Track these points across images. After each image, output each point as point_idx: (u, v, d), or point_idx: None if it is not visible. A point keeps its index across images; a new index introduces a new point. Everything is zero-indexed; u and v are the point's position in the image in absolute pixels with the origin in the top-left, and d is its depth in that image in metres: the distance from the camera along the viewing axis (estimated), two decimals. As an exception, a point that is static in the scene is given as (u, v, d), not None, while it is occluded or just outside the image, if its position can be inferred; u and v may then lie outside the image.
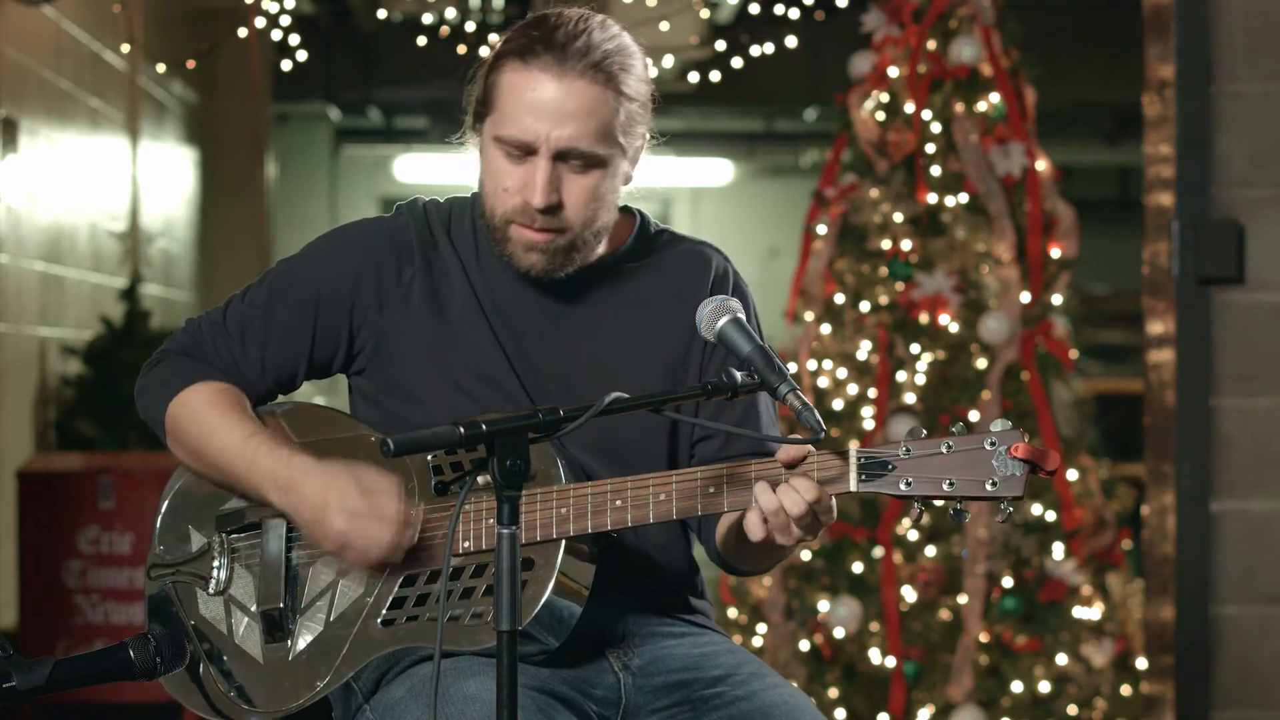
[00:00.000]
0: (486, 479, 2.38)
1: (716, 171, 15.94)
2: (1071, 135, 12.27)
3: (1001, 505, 2.31)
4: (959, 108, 5.12)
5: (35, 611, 5.86)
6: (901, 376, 5.07)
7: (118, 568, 5.84)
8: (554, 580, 2.38)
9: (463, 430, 2.17)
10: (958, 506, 2.31)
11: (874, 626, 5.02)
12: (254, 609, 2.54)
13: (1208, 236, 4.21)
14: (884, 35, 5.23)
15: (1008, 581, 4.94)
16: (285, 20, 6.59)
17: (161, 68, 8.57)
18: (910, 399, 5.04)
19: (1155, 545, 4.28)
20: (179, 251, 10.32)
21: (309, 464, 2.47)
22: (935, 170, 5.11)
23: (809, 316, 5.25)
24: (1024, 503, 4.95)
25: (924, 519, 4.98)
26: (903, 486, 2.31)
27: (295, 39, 6.66)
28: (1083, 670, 4.95)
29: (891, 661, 4.96)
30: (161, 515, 2.66)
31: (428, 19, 7.49)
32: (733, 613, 5.33)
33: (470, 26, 6.65)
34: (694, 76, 7.11)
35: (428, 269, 2.58)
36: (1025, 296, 5.06)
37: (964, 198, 5.10)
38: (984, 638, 4.92)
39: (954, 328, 5.06)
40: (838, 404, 5.12)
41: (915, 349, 5.06)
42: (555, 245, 2.50)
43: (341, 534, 2.41)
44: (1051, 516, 4.99)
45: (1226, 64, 4.22)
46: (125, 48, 7.90)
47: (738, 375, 2.29)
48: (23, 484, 5.90)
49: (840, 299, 5.17)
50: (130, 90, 9.03)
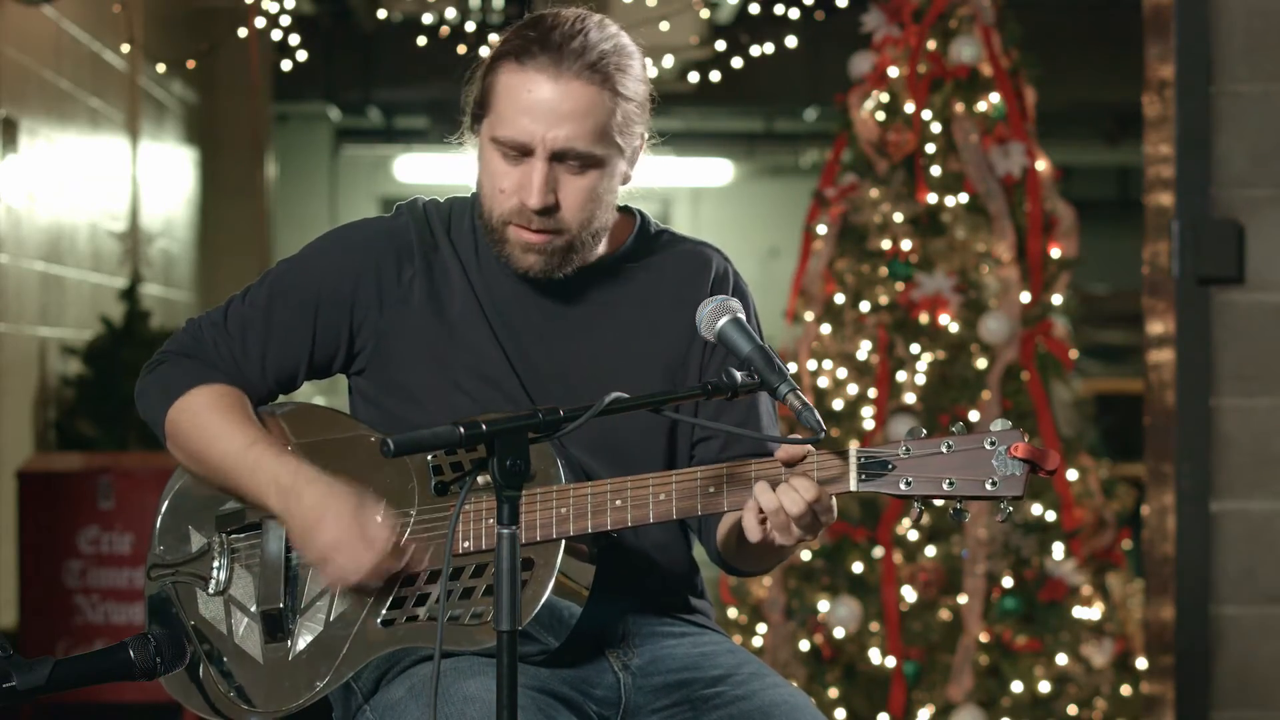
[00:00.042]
0: (486, 479, 2.38)
1: (716, 171, 15.94)
2: (1071, 135, 12.27)
3: (1001, 505, 2.31)
4: (959, 108, 5.12)
5: (35, 611, 5.86)
6: (901, 376, 5.07)
7: (118, 568, 5.84)
8: (554, 580, 2.37)
9: (463, 430, 2.17)
10: (957, 506, 2.31)
11: (874, 626, 5.02)
12: (254, 609, 2.54)
13: (1208, 236, 4.21)
14: (884, 35, 5.23)
15: (1008, 581, 4.94)
16: (285, 20, 6.59)
17: (161, 68, 8.57)
18: (910, 399, 5.04)
19: (1155, 545, 4.28)
20: (179, 251, 10.32)
21: (314, 474, 2.47)
22: (935, 170, 5.11)
23: (809, 316, 5.25)
24: (1024, 503, 4.95)
25: (924, 519, 5.01)
26: (902, 486, 2.30)
27: (295, 39, 6.66)
28: (1083, 670, 4.95)
29: (891, 661, 4.96)
30: (161, 516, 2.66)
31: (428, 19, 7.49)
32: (733, 613, 5.33)
33: (470, 26, 6.65)
34: (694, 76, 7.11)
35: (428, 269, 2.57)
36: (1025, 296, 5.06)
37: (964, 198, 5.10)
38: (984, 638, 4.92)
39: (954, 328, 5.05)
40: (838, 404, 5.12)
41: (915, 349, 5.06)
42: (553, 246, 2.50)
43: (329, 545, 2.42)
44: (1051, 516, 4.99)
45: (1226, 64, 4.22)
46: (125, 48, 7.90)
47: (738, 375, 2.29)
48: (23, 484, 5.90)
49: (840, 299, 5.17)
50: (130, 90, 9.03)
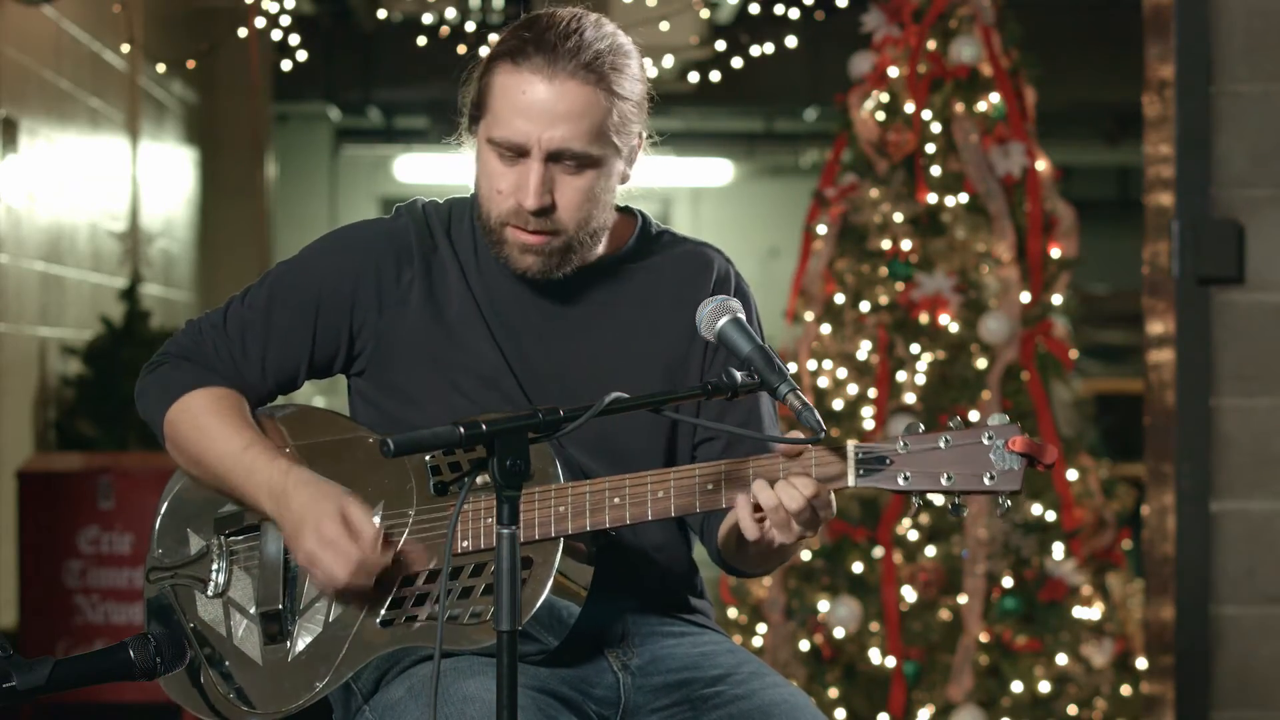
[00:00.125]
0: (484, 479, 2.38)
1: (716, 171, 15.94)
2: (1071, 135, 12.27)
3: (1000, 499, 2.31)
4: (959, 108, 5.12)
5: (35, 611, 5.86)
6: (901, 376, 5.07)
7: (118, 568, 5.84)
8: (552, 579, 2.37)
9: (463, 430, 2.16)
10: (956, 501, 2.31)
11: (874, 626, 5.01)
12: (253, 611, 2.54)
13: (1208, 236, 4.21)
14: (884, 35, 5.23)
15: (1008, 581, 4.94)
16: (285, 20, 6.59)
17: (161, 68, 8.57)
18: (910, 399, 5.04)
19: (1155, 545, 4.28)
20: (179, 251, 10.32)
21: (304, 478, 2.47)
22: (935, 170, 5.11)
23: (809, 316, 5.25)
24: (1024, 501, 4.95)
25: (923, 518, 5.02)
26: (901, 481, 2.30)
27: (295, 39, 6.66)
28: (1083, 670, 4.95)
29: (891, 661, 4.96)
30: (160, 518, 2.66)
31: (428, 19, 7.49)
32: (733, 613, 5.33)
33: (470, 26, 6.65)
34: (694, 76, 7.11)
35: (426, 271, 2.57)
36: (1025, 296, 5.06)
37: (964, 198, 5.10)
38: (984, 638, 4.92)
39: (954, 328, 5.05)
40: (838, 404, 5.12)
41: (915, 349, 5.06)
42: (550, 247, 2.50)
43: (309, 553, 2.43)
44: (1051, 516, 4.98)
45: (1226, 64, 4.22)
46: (125, 48, 7.90)
47: (738, 375, 2.29)
48: (23, 484, 5.90)
49: (840, 299, 5.17)
50: (130, 90, 9.03)
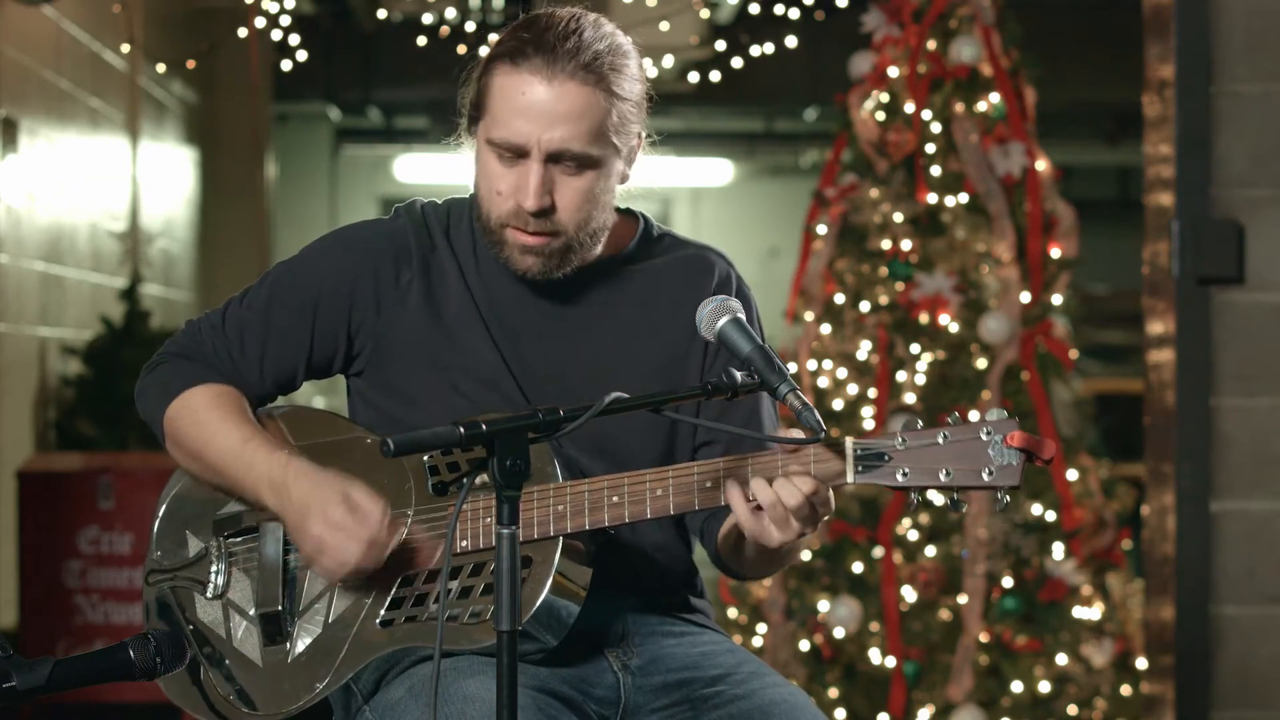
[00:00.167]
0: (482, 478, 2.38)
1: (716, 171, 15.94)
2: (1071, 135, 12.27)
3: (999, 495, 2.31)
4: (959, 108, 5.12)
5: (35, 611, 5.86)
6: (901, 376, 5.07)
7: (118, 568, 5.84)
8: (551, 578, 2.37)
9: (463, 430, 2.16)
10: (955, 496, 2.31)
11: (874, 626, 5.01)
12: (252, 612, 2.54)
13: (1208, 236, 4.21)
14: (884, 35, 5.23)
15: (1008, 581, 4.94)
16: (285, 20, 6.59)
17: (161, 68, 8.57)
18: (910, 399, 5.04)
19: (1155, 545, 4.28)
20: (179, 251, 10.32)
21: (304, 468, 2.47)
22: (935, 170, 5.11)
23: (809, 316, 5.25)
24: (1024, 501, 4.95)
25: (923, 518, 5.02)
26: (900, 477, 2.30)
27: (295, 39, 6.66)
28: (1083, 670, 4.95)
29: (891, 661, 4.96)
30: (158, 520, 2.65)
31: (428, 19, 7.50)
32: (733, 613, 5.33)
33: (470, 26, 6.65)
34: (694, 76, 7.11)
35: (425, 272, 2.57)
36: (1025, 296, 5.06)
37: (964, 198, 5.10)
38: (984, 638, 4.92)
39: (954, 328, 5.05)
40: (838, 404, 5.12)
41: (915, 349, 5.06)
42: (550, 248, 2.50)
43: (316, 540, 2.42)
44: (1051, 516, 4.98)
45: (1226, 64, 4.22)
46: (125, 48, 7.90)
47: (738, 375, 2.29)
48: (23, 484, 5.90)
49: (840, 299, 5.17)
50: (130, 90, 9.03)
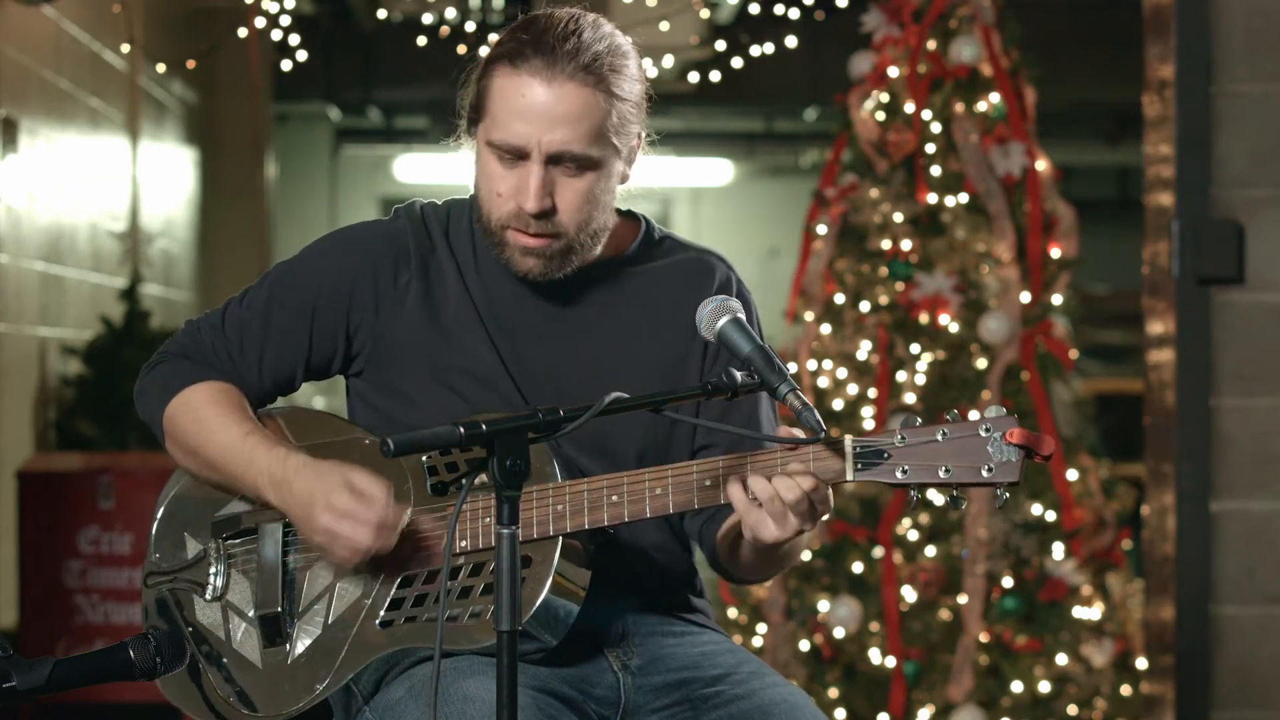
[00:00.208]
0: (481, 478, 2.38)
1: (716, 171, 15.93)
2: (1071, 135, 12.26)
3: (998, 491, 2.31)
4: (959, 108, 5.12)
5: (35, 611, 5.86)
6: (901, 376, 5.06)
7: (118, 568, 5.84)
8: (551, 578, 2.37)
9: (463, 430, 2.16)
10: (954, 494, 2.31)
11: (874, 626, 5.01)
12: (251, 614, 2.54)
13: (1208, 236, 4.21)
14: (884, 35, 5.22)
15: (1008, 581, 4.94)
16: (285, 20, 6.59)
17: (161, 68, 8.57)
18: (910, 399, 5.04)
19: (1155, 545, 4.28)
20: (179, 251, 10.32)
21: (302, 462, 2.47)
22: (935, 170, 5.11)
23: (809, 316, 5.25)
24: (1024, 501, 4.95)
25: (923, 518, 5.02)
26: (899, 474, 2.30)
27: (295, 39, 6.66)
28: (1083, 670, 4.95)
29: (891, 661, 4.96)
30: (157, 523, 2.65)
31: (428, 19, 7.49)
32: (733, 613, 5.33)
33: (470, 26, 6.65)
34: (694, 76, 7.11)
35: (424, 272, 2.57)
36: (1025, 296, 5.06)
37: (964, 198, 5.10)
38: (984, 638, 4.92)
39: (954, 328, 5.05)
40: (838, 404, 5.12)
41: (915, 349, 5.06)
42: (551, 249, 2.50)
43: (325, 530, 2.42)
44: (1051, 516, 4.98)
45: (1226, 64, 4.22)
46: (125, 48, 7.90)
47: (738, 375, 2.29)
48: (23, 484, 5.90)
49: (840, 299, 5.17)
50: (130, 90, 9.03)
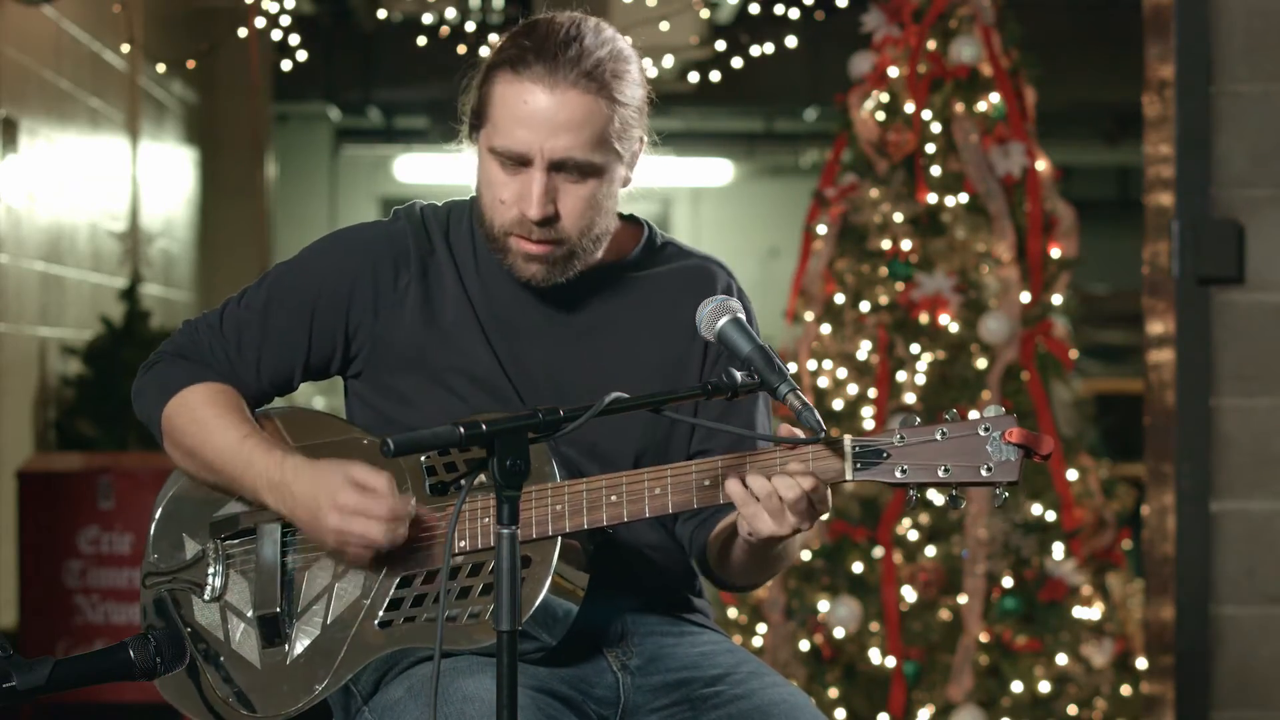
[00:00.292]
0: (480, 479, 2.38)
1: (716, 171, 15.93)
2: (1071, 135, 12.26)
3: (997, 491, 2.31)
4: (959, 108, 5.12)
5: (35, 611, 5.86)
6: (901, 376, 5.06)
7: (118, 568, 5.84)
8: (550, 578, 2.37)
9: (463, 430, 2.16)
10: (953, 493, 2.31)
11: (874, 626, 5.01)
12: (250, 614, 2.54)
13: (1208, 236, 4.21)
14: (884, 35, 5.22)
15: (1008, 581, 4.94)
16: (285, 20, 6.59)
17: (161, 68, 8.57)
18: (910, 399, 5.04)
19: (1155, 545, 4.28)
20: (179, 251, 10.32)
21: (300, 464, 2.47)
22: (935, 170, 5.11)
23: (809, 316, 5.25)
24: (1024, 501, 4.95)
25: (923, 518, 5.02)
26: (898, 474, 2.30)
27: (295, 39, 6.66)
28: (1083, 670, 4.95)
29: (891, 661, 4.96)
30: (155, 523, 2.65)
31: (428, 19, 7.50)
32: (733, 613, 5.33)
33: (470, 26, 6.66)
34: (694, 76, 7.11)
35: (423, 274, 2.57)
36: (1025, 296, 5.06)
37: (964, 198, 5.10)
38: (984, 638, 4.92)
39: (954, 328, 5.05)
40: (838, 404, 5.12)
41: (915, 349, 5.06)
42: (554, 255, 2.50)
43: (336, 531, 2.41)
44: (1051, 516, 4.98)
45: (1226, 64, 4.22)
46: (125, 48, 7.90)
47: (738, 375, 2.29)
48: (23, 484, 5.90)
49: (840, 299, 5.17)
50: (130, 90, 9.03)
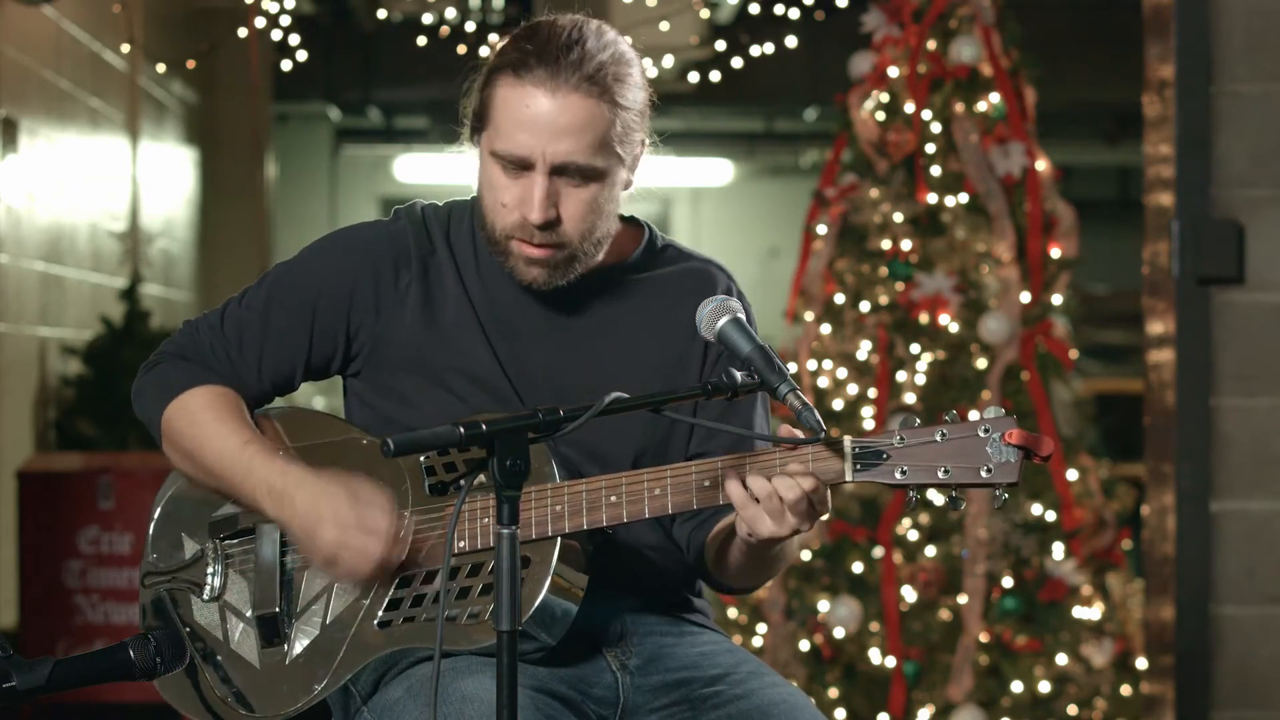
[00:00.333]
0: (479, 479, 2.38)
1: (716, 171, 15.93)
2: (1071, 135, 12.26)
3: (996, 492, 2.31)
4: (959, 108, 5.12)
5: (35, 611, 5.86)
6: (901, 376, 5.06)
7: (118, 568, 5.84)
8: (550, 578, 2.37)
9: (463, 430, 2.16)
10: (953, 494, 2.31)
11: (874, 626, 5.01)
12: (249, 614, 2.54)
13: (1208, 236, 4.21)
14: (884, 35, 5.22)
15: (1008, 581, 4.94)
16: (285, 20, 6.59)
17: (161, 68, 8.57)
18: (910, 399, 5.04)
19: (1155, 545, 4.28)
20: (179, 251, 10.32)
21: (303, 475, 2.46)
22: (935, 170, 5.11)
23: (809, 316, 5.25)
24: (1024, 501, 4.95)
25: (923, 518, 5.02)
26: (898, 475, 2.30)
27: (295, 39, 6.66)
28: (1083, 670, 4.95)
29: (891, 661, 4.96)
30: (154, 523, 2.64)
31: (428, 19, 7.50)
32: (733, 613, 5.33)
33: (470, 26, 6.65)
34: (694, 76, 7.11)
35: (424, 274, 2.57)
36: (1025, 296, 5.06)
37: (964, 198, 5.10)
38: (984, 638, 4.92)
39: (954, 328, 5.05)
40: (838, 404, 5.12)
41: (915, 349, 5.06)
42: (555, 259, 2.50)
43: (333, 545, 2.41)
44: (1051, 516, 4.98)
45: (1226, 64, 4.22)
46: (125, 48, 7.90)
47: (738, 375, 2.29)
48: (23, 484, 5.90)
49: (840, 299, 5.17)
50: (130, 90, 9.03)
